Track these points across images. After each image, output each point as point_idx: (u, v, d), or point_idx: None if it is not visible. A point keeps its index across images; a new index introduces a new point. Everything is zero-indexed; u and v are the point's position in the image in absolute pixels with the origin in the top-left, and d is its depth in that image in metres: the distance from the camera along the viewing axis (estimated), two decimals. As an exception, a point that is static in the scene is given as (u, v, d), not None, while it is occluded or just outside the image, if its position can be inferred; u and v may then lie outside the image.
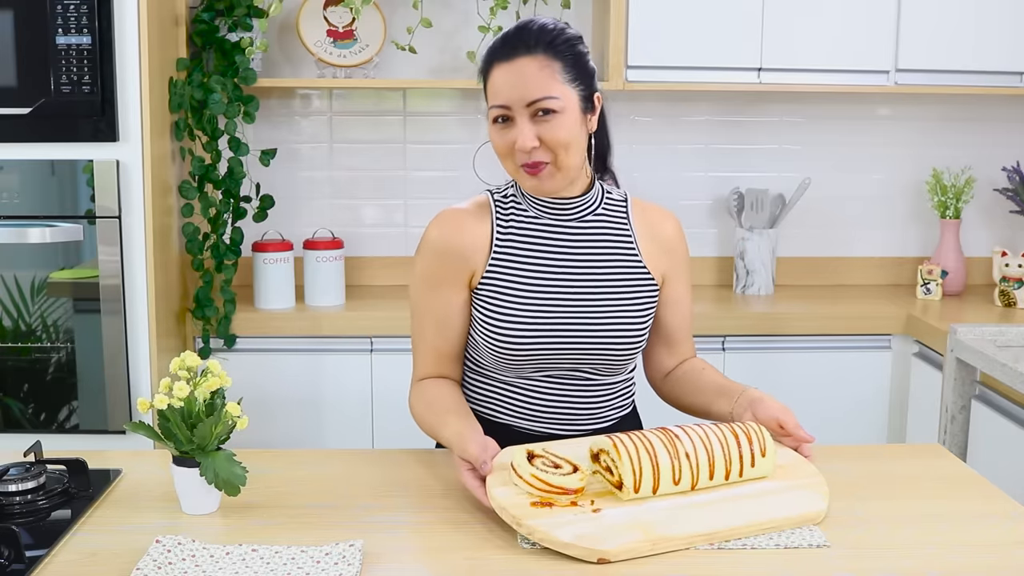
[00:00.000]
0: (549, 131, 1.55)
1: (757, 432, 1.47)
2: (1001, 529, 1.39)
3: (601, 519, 1.33)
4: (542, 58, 1.55)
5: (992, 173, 3.27)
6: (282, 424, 2.83)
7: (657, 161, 3.27)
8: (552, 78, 1.55)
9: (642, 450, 1.38)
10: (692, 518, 1.34)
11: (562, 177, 1.60)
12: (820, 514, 1.39)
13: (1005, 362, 2.24)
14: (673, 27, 2.91)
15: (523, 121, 1.55)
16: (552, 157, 1.57)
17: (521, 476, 1.36)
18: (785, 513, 1.37)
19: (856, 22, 2.93)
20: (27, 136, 2.46)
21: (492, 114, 1.58)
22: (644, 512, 1.35)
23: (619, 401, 1.73)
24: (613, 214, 1.70)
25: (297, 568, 1.23)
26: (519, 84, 1.54)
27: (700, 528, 1.33)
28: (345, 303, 2.96)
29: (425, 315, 1.67)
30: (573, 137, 1.57)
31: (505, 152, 1.59)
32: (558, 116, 1.55)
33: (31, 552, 1.28)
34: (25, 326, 2.55)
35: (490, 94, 1.59)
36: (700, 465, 1.41)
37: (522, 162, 1.57)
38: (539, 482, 1.35)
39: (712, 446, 1.42)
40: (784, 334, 2.86)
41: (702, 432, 1.44)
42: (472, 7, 3.03)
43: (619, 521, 1.33)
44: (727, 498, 1.41)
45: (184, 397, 1.37)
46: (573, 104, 1.57)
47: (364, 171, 3.24)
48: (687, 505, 1.38)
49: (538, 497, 1.35)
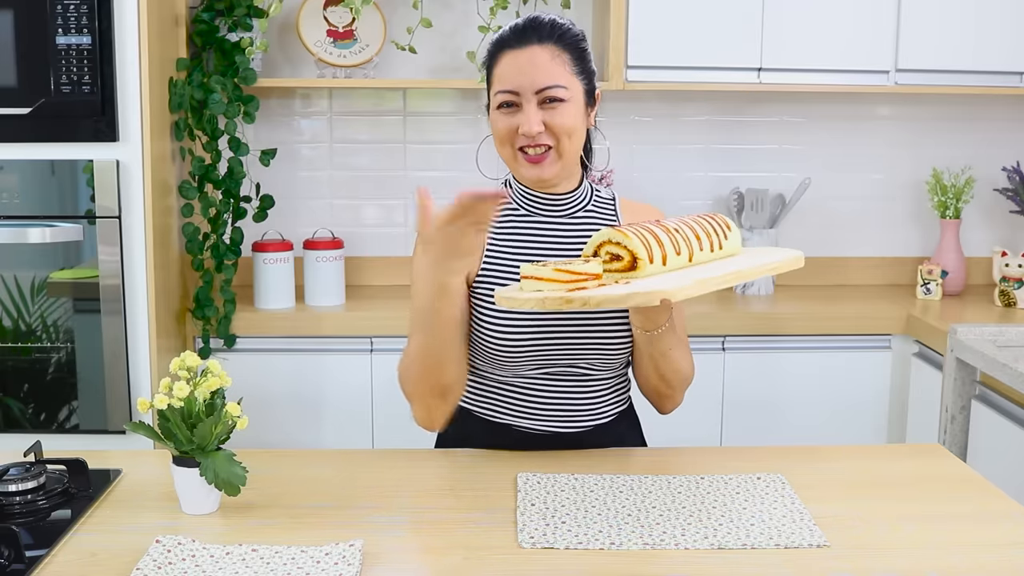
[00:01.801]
0: (555, 117, 1.57)
1: (717, 215, 1.62)
2: (1001, 529, 1.39)
3: (637, 285, 1.37)
4: (553, 48, 1.59)
5: (992, 173, 3.27)
6: (282, 424, 2.83)
7: (657, 161, 3.27)
8: (562, 68, 1.58)
9: (641, 229, 1.44)
10: (714, 269, 1.45)
11: (562, 166, 1.61)
12: (800, 257, 1.59)
13: (1005, 362, 2.24)
14: (673, 27, 2.91)
15: (530, 107, 1.57)
16: (555, 143, 1.59)
17: (543, 278, 1.36)
18: (781, 257, 1.57)
19: (856, 22, 2.93)
20: (27, 136, 2.46)
21: (498, 99, 1.60)
22: (670, 275, 1.42)
23: (616, 396, 1.73)
24: (602, 211, 1.72)
25: (297, 568, 1.23)
26: (530, 70, 1.57)
27: (729, 268, 1.45)
28: (345, 303, 2.96)
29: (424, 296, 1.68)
30: (577, 126, 1.60)
31: (506, 138, 1.60)
32: (565, 104, 1.58)
33: (31, 552, 1.28)
34: (25, 326, 2.55)
35: (496, 79, 1.61)
36: (689, 238, 1.50)
37: (523, 145, 1.59)
38: (565, 273, 1.36)
39: (690, 224, 1.53)
40: (784, 334, 2.86)
41: (676, 218, 1.55)
42: (472, 7, 3.03)
43: (655, 282, 1.38)
44: (727, 262, 1.53)
45: (184, 397, 1.37)
46: (578, 95, 1.60)
47: (364, 171, 3.24)
48: (697, 269, 1.47)
49: (568, 288, 1.36)
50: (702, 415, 2.89)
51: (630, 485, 1.50)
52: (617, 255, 1.43)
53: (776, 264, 1.56)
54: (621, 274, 1.43)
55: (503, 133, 1.61)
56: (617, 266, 1.43)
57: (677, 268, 1.46)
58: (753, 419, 2.89)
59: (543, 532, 1.34)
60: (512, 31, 1.62)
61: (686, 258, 1.48)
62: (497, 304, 1.42)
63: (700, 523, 1.37)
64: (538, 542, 1.31)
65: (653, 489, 1.48)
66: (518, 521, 1.37)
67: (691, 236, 1.50)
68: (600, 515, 1.39)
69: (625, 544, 1.30)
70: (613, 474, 1.54)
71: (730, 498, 1.45)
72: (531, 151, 1.59)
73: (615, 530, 1.34)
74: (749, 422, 2.89)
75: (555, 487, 1.49)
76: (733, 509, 1.42)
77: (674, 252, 1.46)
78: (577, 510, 1.41)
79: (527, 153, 1.60)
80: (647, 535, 1.33)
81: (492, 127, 1.63)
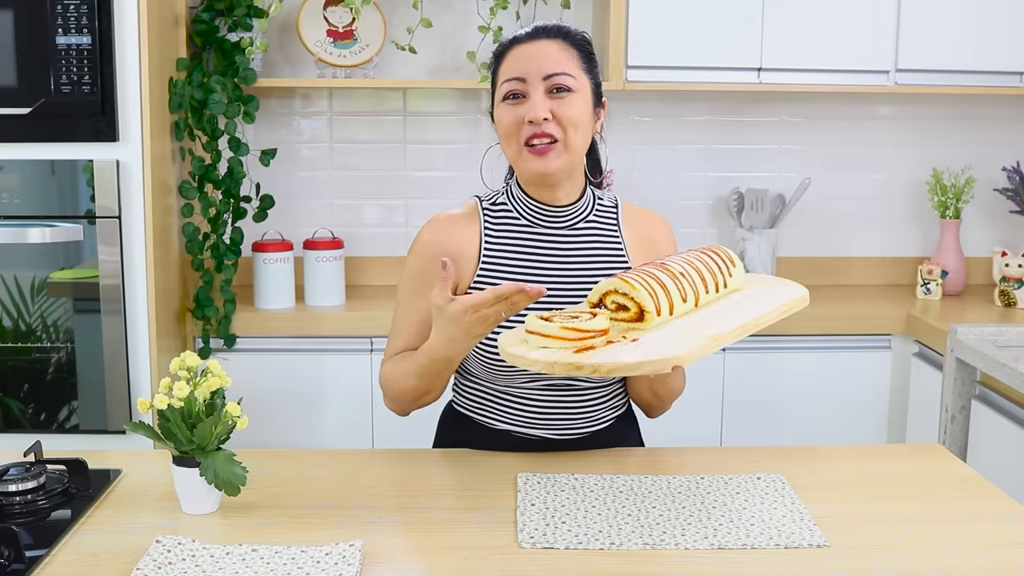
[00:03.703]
0: (563, 107, 1.57)
1: (721, 249, 1.56)
2: (1001, 529, 1.39)
3: (647, 344, 1.32)
4: (561, 43, 1.60)
5: (992, 173, 3.27)
6: (282, 424, 2.83)
7: (657, 161, 3.27)
8: (570, 60, 1.59)
9: (647, 278, 1.40)
10: (723, 320, 1.40)
11: (567, 161, 1.59)
12: (805, 296, 1.55)
13: (1005, 362, 2.24)
14: (673, 27, 2.91)
15: (537, 94, 1.56)
16: (562, 135, 1.57)
17: (550, 335, 1.32)
18: (788, 298, 1.51)
19: (856, 22, 2.93)
20: (27, 136, 2.46)
21: (504, 89, 1.59)
22: (678, 328, 1.37)
23: (613, 403, 1.72)
24: (603, 220, 1.70)
25: (297, 568, 1.23)
26: (539, 57, 1.57)
27: (739, 321, 1.39)
28: (345, 303, 2.96)
29: (408, 313, 1.68)
30: (584, 119, 1.59)
31: (512, 130, 1.58)
32: (572, 95, 1.57)
33: (31, 552, 1.28)
34: (25, 326, 2.55)
35: (504, 71, 1.61)
36: (695, 281, 1.46)
37: (530, 134, 1.56)
38: (572, 331, 1.31)
39: (696, 265, 1.48)
40: (784, 334, 2.86)
41: (679, 257, 1.50)
42: (472, 7, 3.03)
43: (664, 339, 1.33)
44: (733, 306, 1.48)
45: (184, 397, 1.37)
46: (586, 90, 1.60)
47: (364, 171, 3.24)
48: (705, 317, 1.42)
49: (575, 347, 1.31)
50: (702, 415, 2.89)
51: (630, 485, 1.50)
52: (623, 305, 1.39)
53: (783, 309, 1.50)
54: (628, 324, 1.38)
55: (509, 125, 1.58)
56: (624, 316, 1.39)
57: (684, 314, 1.43)
58: (753, 419, 2.89)
59: (543, 532, 1.34)
60: (522, 31, 1.63)
61: (692, 303, 1.44)
62: (503, 358, 1.35)
63: (700, 523, 1.37)
64: (538, 542, 1.31)
65: (653, 489, 1.48)
66: (518, 521, 1.37)
67: (696, 279, 1.46)
68: (600, 515, 1.39)
69: (625, 544, 1.30)
70: (613, 474, 1.54)
71: (730, 498, 1.45)
72: (537, 142, 1.57)
73: (615, 530, 1.34)
74: (749, 422, 2.89)
75: (555, 487, 1.49)
76: (733, 509, 1.42)
77: (680, 299, 1.41)
78: (577, 510, 1.41)
79: (533, 145, 1.57)
80: (647, 535, 1.33)
81: (497, 123, 1.62)
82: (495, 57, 1.65)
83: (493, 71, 1.65)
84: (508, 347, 1.34)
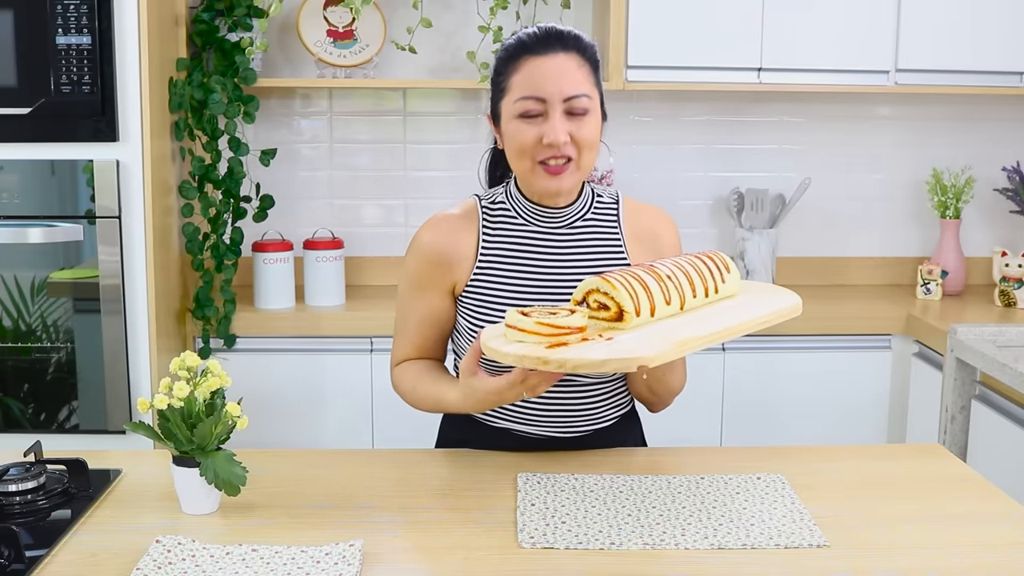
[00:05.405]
0: (581, 129, 1.55)
1: (716, 255, 1.55)
2: (1001, 529, 1.39)
3: (619, 343, 1.33)
4: (578, 58, 1.56)
5: (992, 173, 3.27)
6: (282, 424, 2.83)
7: (657, 161, 3.27)
8: (587, 78, 1.56)
9: (630, 278, 1.40)
10: (699, 326, 1.39)
11: (579, 178, 1.60)
12: (798, 305, 1.52)
13: (1005, 362, 2.24)
14: (673, 27, 2.91)
15: (556, 115, 1.53)
16: (577, 155, 1.56)
17: (525, 329, 1.34)
18: (775, 308, 1.48)
19: (856, 22, 2.93)
20: (27, 136, 2.46)
21: (520, 107, 1.55)
22: (654, 331, 1.37)
23: (617, 400, 1.72)
24: (602, 217, 1.69)
25: (297, 568, 1.23)
26: (559, 78, 1.53)
27: (713, 328, 1.38)
28: (345, 303, 2.96)
29: (409, 313, 1.69)
30: (596, 140, 1.59)
31: (528, 150, 1.55)
32: (589, 116, 1.56)
33: (31, 552, 1.28)
34: (25, 326, 2.55)
35: (517, 86, 1.55)
36: (682, 285, 1.45)
37: (546, 157, 1.55)
38: (547, 327, 1.33)
39: (686, 268, 1.48)
40: (784, 334, 2.86)
41: (671, 261, 1.50)
42: (472, 7, 3.03)
43: (637, 339, 1.33)
44: (717, 312, 1.47)
45: (184, 397, 1.37)
46: (597, 107, 1.59)
47: (364, 171, 3.24)
48: (687, 322, 1.42)
49: (549, 342, 1.33)
50: (702, 415, 2.89)
51: (630, 485, 1.50)
52: (605, 304, 1.40)
53: (768, 318, 1.48)
54: (607, 324, 1.39)
55: (527, 144, 1.55)
56: (604, 315, 1.39)
57: (667, 317, 1.42)
58: (753, 419, 2.89)
59: (543, 532, 1.34)
60: (532, 38, 1.57)
61: (677, 307, 1.44)
62: (482, 349, 1.39)
63: (700, 523, 1.37)
64: (538, 542, 1.31)
65: (653, 489, 1.48)
66: (518, 521, 1.37)
67: (684, 283, 1.45)
68: (600, 515, 1.39)
69: (625, 544, 1.30)
70: (613, 474, 1.54)
71: (730, 498, 1.45)
72: (553, 162, 1.55)
73: (615, 530, 1.34)
74: (749, 422, 2.89)
75: (555, 487, 1.49)
76: (733, 509, 1.42)
77: (663, 302, 1.41)
78: (577, 510, 1.41)
79: (548, 165, 1.56)
80: (647, 535, 1.33)
81: (509, 138, 1.58)
82: (502, 62, 1.59)
83: (499, 75, 1.60)
84: (487, 340, 1.37)
